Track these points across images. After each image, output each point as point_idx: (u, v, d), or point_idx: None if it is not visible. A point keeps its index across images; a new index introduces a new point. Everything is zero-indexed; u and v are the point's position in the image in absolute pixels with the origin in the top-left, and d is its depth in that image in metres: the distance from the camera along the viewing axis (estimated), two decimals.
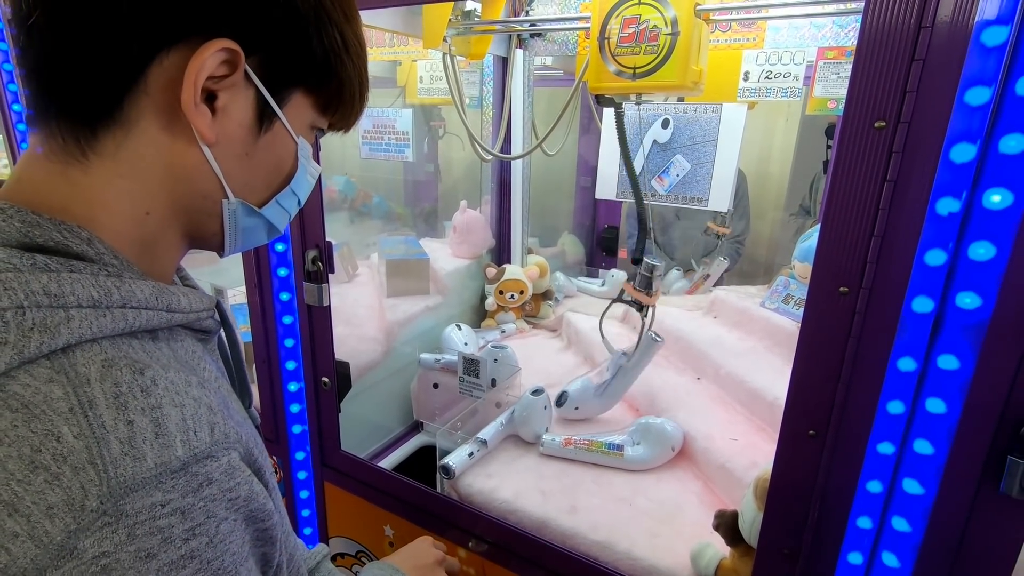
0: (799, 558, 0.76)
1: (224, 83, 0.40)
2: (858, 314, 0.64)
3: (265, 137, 0.45)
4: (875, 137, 0.59)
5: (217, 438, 0.37)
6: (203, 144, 0.41)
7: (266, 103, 0.43)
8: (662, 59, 1.04)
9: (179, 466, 0.34)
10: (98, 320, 0.36)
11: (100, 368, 0.34)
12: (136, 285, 0.39)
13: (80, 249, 0.38)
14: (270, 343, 1.22)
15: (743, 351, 1.41)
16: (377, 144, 1.80)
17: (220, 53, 0.38)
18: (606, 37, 1.07)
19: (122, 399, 0.34)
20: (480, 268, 1.92)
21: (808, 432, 0.71)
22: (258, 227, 0.50)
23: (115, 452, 0.32)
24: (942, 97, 0.56)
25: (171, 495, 0.34)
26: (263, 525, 0.40)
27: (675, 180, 1.44)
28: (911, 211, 0.59)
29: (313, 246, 1.12)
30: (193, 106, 0.39)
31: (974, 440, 0.60)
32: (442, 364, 1.54)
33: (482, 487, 1.16)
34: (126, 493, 0.32)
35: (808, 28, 1.33)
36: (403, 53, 2.03)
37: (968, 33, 0.53)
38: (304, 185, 0.51)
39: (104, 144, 0.39)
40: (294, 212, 0.53)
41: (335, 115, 0.50)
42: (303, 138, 0.48)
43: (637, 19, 1.04)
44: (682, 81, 1.04)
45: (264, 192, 0.48)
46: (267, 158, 0.46)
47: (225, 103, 0.41)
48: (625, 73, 1.08)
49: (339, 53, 0.45)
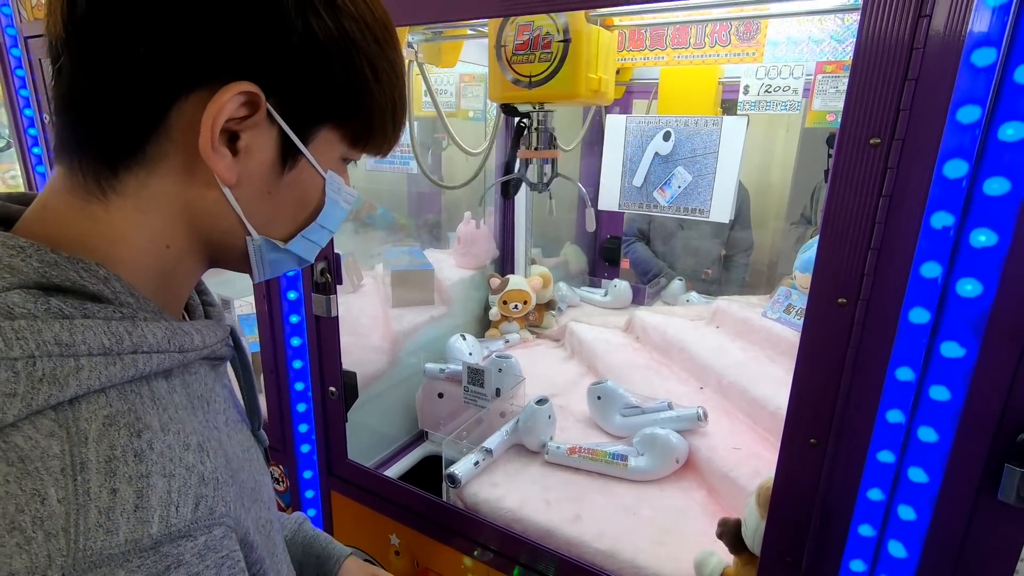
0: (802, 566, 0.76)
1: (246, 123, 0.40)
2: (856, 325, 0.66)
3: (290, 175, 0.44)
4: (870, 153, 0.61)
5: (200, 514, 0.37)
6: (223, 185, 0.41)
7: (290, 141, 0.42)
8: (556, 67, 0.99)
9: (150, 544, 0.34)
10: (107, 369, 0.36)
11: (100, 426, 0.34)
12: (148, 329, 0.39)
13: (96, 289, 0.38)
14: (278, 353, 1.24)
15: (745, 361, 1.42)
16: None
17: (239, 96, 0.38)
18: (503, 45, 1.03)
19: (113, 464, 0.34)
20: (484, 279, 1.94)
21: (809, 441, 0.72)
22: (285, 260, 0.49)
23: (91, 522, 0.32)
24: (934, 115, 0.58)
25: (134, 575, 0.33)
26: None
27: (677, 192, 1.46)
28: (906, 225, 0.61)
29: (322, 258, 1.14)
30: (211, 150, 0.39)
31: (972, 450, 0.61)
32: (447, 374, 1.55)
33: (488, 496, 1.17)
34: (89, 568, 0.31)
35: (807, 43, 1.36)
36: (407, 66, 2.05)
37: (958, 54, 0.55)
38: (335, 217, 0.50)
39: (125, 184, 0.40)
40: (325, 243, 0.51)
41: (367, 147, 0.48)
42: (333, 172, 0.47)
43: (530, 25, 1.00)
44: (576, 90, 0.99)
45: (290, 227, 0.47)
46: (292, 195, 0.45)
47: (247, 143, 0.40)
48: (522, 82, 1.03)
49: (367, 85, 0.43)
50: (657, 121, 1.43)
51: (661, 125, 1.44)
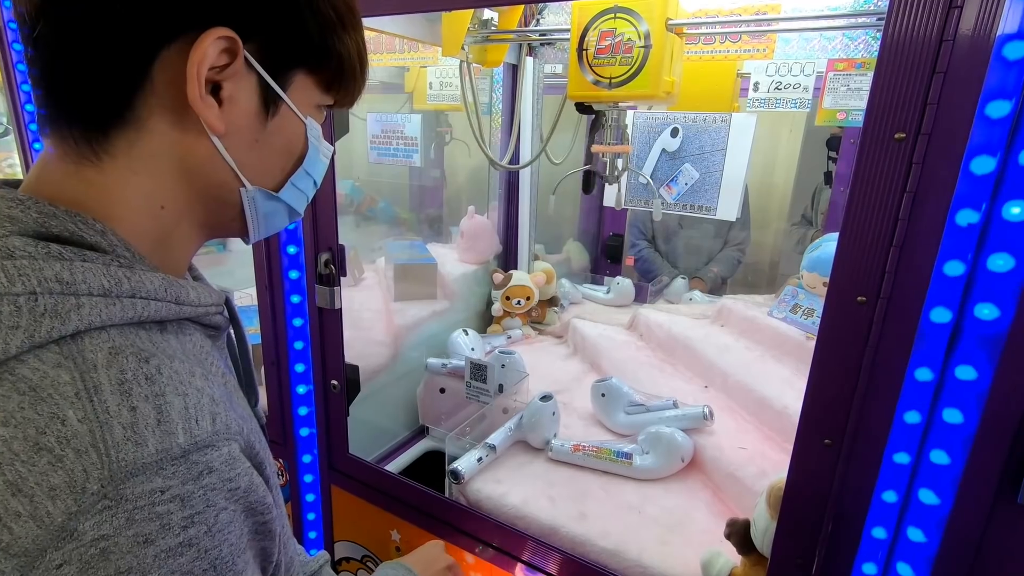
0: (812, 568, 0.75)
1: (226, 72, 0.40)
2: (875, 324, 0.65)
3: (273, 122, 0.45)
4: (895, 148, 0.60)
5: (219, 428, 0.38)
6: (213, 135, 0.42)
7: (270, 88, 0.43)
8: (636, 70, 1.09)
9: (180, 453, 0.35)
10: (107, 308, 0.37)
11: (107, 355, 0.35)
12: (146, 276, 0.40)
13: (94, 240, 0.39)
14: (279, 345, 1.22)
15: (751, 360, 1.41)
16: (385, 149, 1.81)
17: (218, 42, 0.39)
18: (584, 48, 1.12)
19: (127, 386, 0.35)
20: (487, 274, 1.92)
21: (824, 441, 0.71)
22: (278, 211, 0.50)
23: (118, 437, 0.33)
24: (962, 110, 0.56)
25: (171, 482, 0.34)
26: (262, 518, 0.41)
27: (684, 189, 1.45)
28: (930, 222, 0.60)
29: (326, 249, 1.12)
30: (200, 99, 0.39)
31: (991, 451, 0.60)
32: (449, 369, 1.54)
33: (491, 493, 1.15)
34: (127, 477, 0.33)
35: (818, 40, 1.34)
36: (412, 59, 2.04)
37: (989, 47, 0.54)
38: (318, 165, 0.52)
39: (116, 145, 0.40)
40: (311, 193, 0.53)
41: (339, 92, 0.50)
42: (311, 118, 0.48)
43: (613, 32, 1.09)
44: (654, 91, 1.08)
45: (279, 176, 0.49)
46: (278, 142, 0.47)
47: (230, 92, 0.41)
48: (602, 83, 1.12)
49: (335, 29, 0.45)
50: (665, 117, 1.42)
51: (669, 121, 1.43)
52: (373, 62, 2.21)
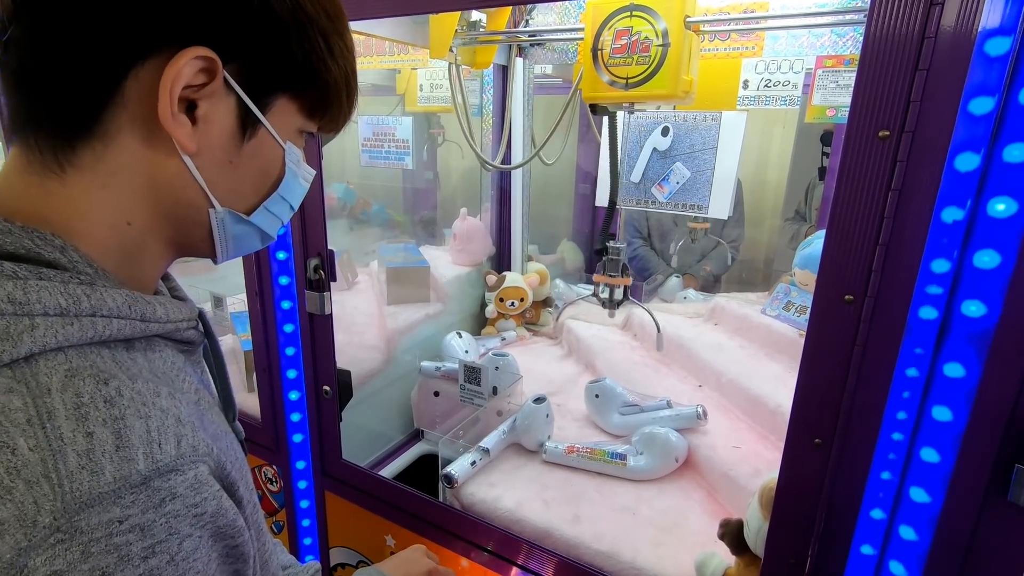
0: (806, 567, 0.75)
1: (203, 92, 0.39)
2: (863, 322, 0.64)
3: (250, 144, 0.44)
4: (879, 146, 0.60)
5: (184, 451, 0.36)
6: (184, 154, 0.41)
7: (249, 110, 0.42)
8: (653, 69, 1.06)
9: (140, 480, 0.33)
10: (64, 329, 0.35)
11: (62, 378, 0.34)
12: (108, 294, 0.38)
13: (52, 257, 0.37)
14: (271, 351, 1.22)
15: (744, 358, 1.41)
16: (377, 152, 1.80)
17: (195, 61, 0.38)
18: (599, 48, 1.09)
19: (83, 410, 0.33)
20: (480, 275, 1.92)
21: (814, 440, 0.70)
22: (249, 234, 0.49)
23: (72, 465, 0.32)
24: (946, 106, 0.56)
25: (130, 511, 0.33)
26: (232, 542, 0.39)
27: (675, 188, 1.44)
28: (916, 220, 0.60)
29: (315, 254, 1.12)
30: (170, 117, 0.38)
31: (981, 448, 0.60)
32: (443, 372, 1.54)
33: (485, 496, 1.15)
34: (81, 509, 0.31)
35: (807, 37, 1.34)
36: (403, 61, 2.03)
37: (971, 43, 0.54)
38: (295, 190, 0.50)
39: (82, 157, 0.39)
40: (287, 218, 0.52)
41: (322, 119, 0.49)
42: (291, 143, 0.47)
43: (629, 31, 1.06)
44: (673, 91, 1.06)
45: (252, 199, 0.47)
46: (253, 165, 0.45)
47: (206, 112, 0.40)
48: (618, 83, 1.10)
49: (322, 57, 0.44)
50: (655, 116, 1.42)
51: (659, 120, 1.43)
52: (363, 64, 2.19)
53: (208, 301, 1.68)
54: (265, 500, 1.42)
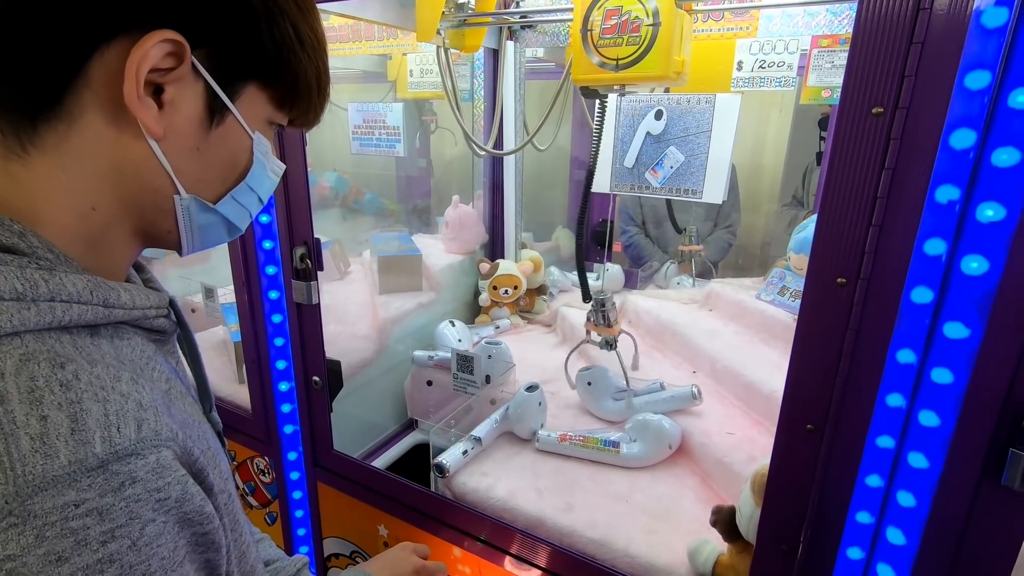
0: (798, 554, 0.74)
1: (170, 76, 0.39)
2: (856, 305, 0.63)
3: (217, 131, 0.44)
4: (872, 124, 0.58)
5: (144, 435, 0.36)
6: (150, 138, 0.40)
7: (217, 97, 0.42)
8: (644, 50, 1.03)
9: (97, 464, 0.33)
10: (20, 313, 0.35)
11: (17, 362, 0.33)
12: (68, 279, 0.38)
13: (10, 242, 0.37)
14: (259, 342, 1.20)
15: (739, 344, 1.40)
16: (368, 139, 1.78)
17: (163, 44, 0.37)
18: (589, 29, 1.07)
19: (37, 393, 0.33)
20: (473, 264, 1.90)
21: (806, 426, 0.69)
22: (215, 225, 0.48)
23: (24, 449, 0.31)
24: (941, 82, 0.54)
25: (87, 494, 0.32)
26: (202, 529, 0.39)
27: (669, 172, 1.42)
28: (910, 199, 0.58)
29: (301, 243, 1.10)
30: (136, 99, 0.38)
31: (975, 432, 0.59)
32: (436, 361, 1.52)
33: (477, 485, 1.14)
34: (35, 492, 0.31)
35: (802, 16, 1.31)
36: (393, 46, 1.99)
37: (967, 15, 0.52)
38: (263, 182, 0.50)
39: (45, 138, 0.38)
40: (255, 210, 0.51)
41: (292, 111, 0.49)
42: (260, 134, 0.47)
43: (619, 10, 1.04)
44: (665, 72, 1.04)
45: (219, 187, 0.47)
46: (220, 153, 0.45)
47: (172, 96, 0.40)
48: (608, 64, 1.07)
49: (292, 47, 0.44)
50: (648, 99, 1.39)
51: (653, 104, 1.40)
52: (353, 50, 2.14)
53: (199, 292, 1.66)
54: (258, 491, 1.41)
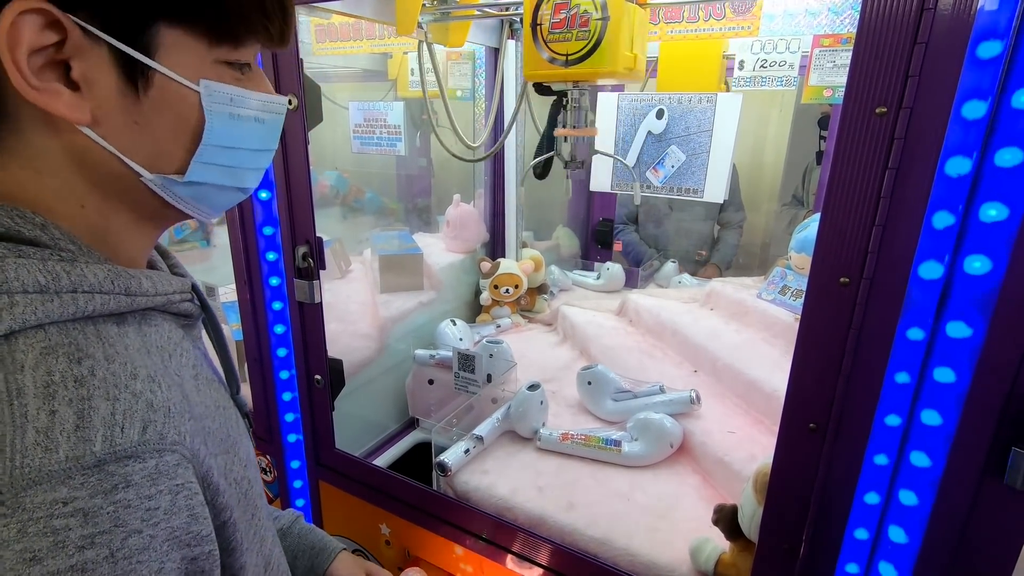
0: (799, 553, 0.75)
1: (65, 50, 0.35)
2: (859, 305, 0.63)
3: (150, 96, 0.38)
4: (876, 124, 0.58)
5: (148, 437, 0.35)
6: (81, 127, 0.37)
7: (131, 59, 0.36)
8: (593, 45, 1.00)
9: (93, 462, 0.33)
10: (44, 306, 0.35)
11: (37, 355, 0.34)
12: (89, 269, 0.37)
13: (33, 234, 0.37)
14: (261, 341, 1.20)
15: (740, 343, 1.40)
16: (368, 138, 1.78)
17: (27, 18, 0.33)
18: (538, 23, 1.04)
19: (52, 388, 0.33)
20: (474, 263, 1.90)
21: (809, 425, 0.70)
22: (207, 191, 0.44)
23: (29, 441, 0.32)
24: (946, 81, 0.54)
25: (77, 492, 0.32)
26: (191, 553, 0.36)
27: (670, 171, 1.43)
28: (913, 199, 0.58)
29: (303, 242, 1.10)
30: (30, 88, 0.34)
31: (977, 432, 0.59)
32: (437, 360, 1.52)
33: (478, 484, 1.14)
34: (29, 485, 0.31)
35: (803, 16, 1.31)
36: (394, 45, 1.99)
37: (972, 15, 0.52)
38: (241, 132, 0.43)
39: (11, 145, 0.37)
40: (250, 162, 0.45)
41: (242, 39, 0.41)
42: (209, 81, 0.40)
43: (567, 4, 1.01)
44: (614, 67, 1.00)
45: (180, 155, 0.41)
46: (165, 119, 0.39)
47: (82, 72, 0.35)
48: (558, 60, 1.04)
49: None
50: (650, 99, 1.39)
51: (654, 103, 1.40)
52: (353, 49, 2.12)
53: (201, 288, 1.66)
54: None
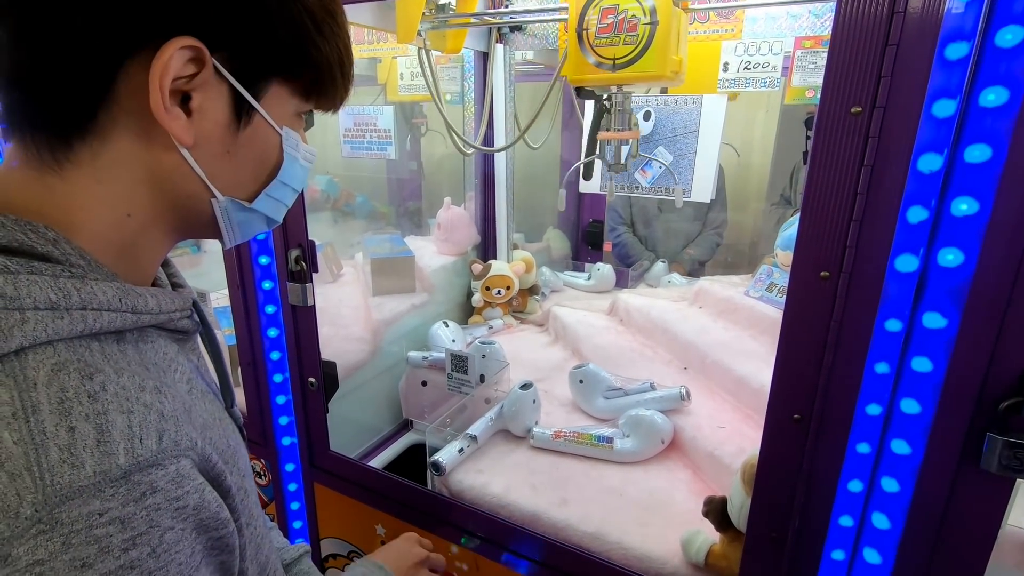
0: (787, 541, 0.77)
1: (195, 82, 0.40)
2: (839, 298, 0.65)
3: (246, 132, 0.44)
4: (851, 123, 0.60)
5: (165, 446, 0.37)
6: (182, 147, 0.41)
7: (242, 98, 0.43)
8: (642, 49, 1.03)
9: (120, 474, 0.34)
10: (54, 323, 0.36)
11: (49, 372, 0.34)
12: (98, 287, 0.39)
13: (45, 250, 0.38)
14: (255, 345, 1.21)
15: (728, 340, 1.42)
16: (359, 143, 1.79)
17: (183, 52, 0.38)
18: (584, 28, 1.06)
19: (67, 404, 0.34)
20: (466, 265, 1.91)
21: (793, 416, 0.72)
22: (253, 220, 0.50)
23: (53, 459, 0.32)
24: (916, 81, 0.56)
25: (110, 504, 0.33)
26: (217, 534, 0.40)
27: (658, 172, 1.45)
28: (888, 195, 0.60)
29: (296, 245, 1.11)
30: (164, 111, 0.39)
31: (954, 419, 0.61)
32: (430, 362, 1.54)
33: (473, 483, 1.15)
34: (62, 501, 0.32)
35: (785, 18, 1.34)
36: (383, 50, 2.01)
37: (939, 17, 0.54)
38: (296, 174, 0.51)
39: (80, 154, 0.40)
40: (290, 201, 0.52)
41: (319, 99, 0.49)
42: (288, 129, 0.47)
43: (615, 9, 1.03)
44: (662, 71, 1.03)
45: (252, 186, 0.48)
46: (251, 153, 0.46)
47: (200, 103, 0.41)
48: (605, 64, 1.07)
49: (310, 38, 0.44)
50: (636, 100, 1.41)
51: (641, 104, 1.43)
52: None
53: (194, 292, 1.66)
54: None
